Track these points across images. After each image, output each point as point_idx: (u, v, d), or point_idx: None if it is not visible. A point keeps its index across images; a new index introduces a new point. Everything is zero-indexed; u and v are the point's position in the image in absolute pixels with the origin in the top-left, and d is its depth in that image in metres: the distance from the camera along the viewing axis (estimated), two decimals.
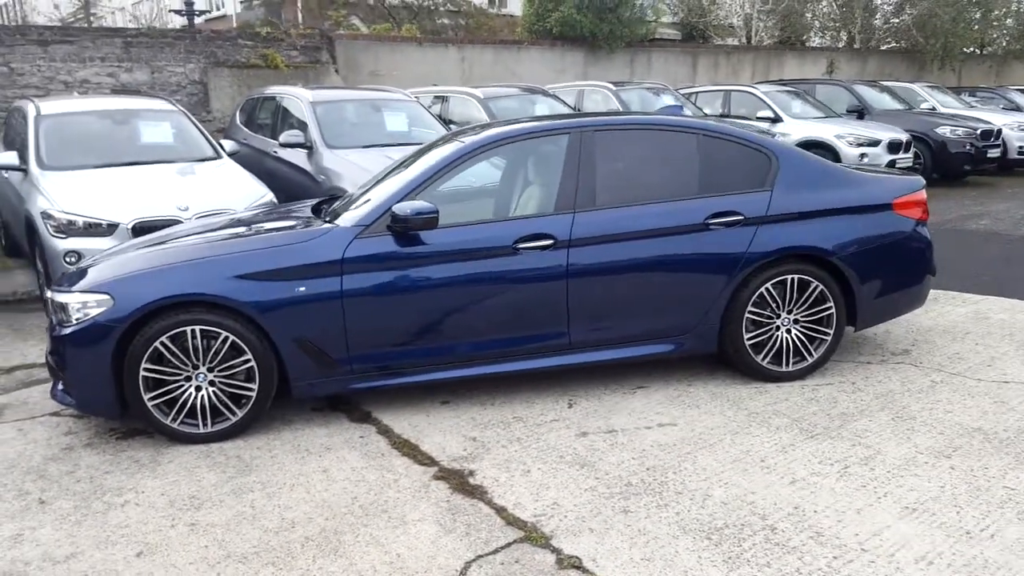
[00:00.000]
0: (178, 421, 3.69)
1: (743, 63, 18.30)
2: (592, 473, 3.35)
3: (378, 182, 4.34)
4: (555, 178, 4.06)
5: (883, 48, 22.46)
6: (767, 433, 3.69)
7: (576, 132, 4.11)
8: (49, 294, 3.83)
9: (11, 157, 6.26)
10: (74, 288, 3.70)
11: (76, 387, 3.66)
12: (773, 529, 2.89)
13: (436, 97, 10.43)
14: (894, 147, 11.40)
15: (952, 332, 5.10)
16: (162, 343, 3.59)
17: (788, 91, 13.21)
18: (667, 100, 11.66)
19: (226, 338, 3.65)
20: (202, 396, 3.69)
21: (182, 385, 3.67)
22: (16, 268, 7.08)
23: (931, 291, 5.84)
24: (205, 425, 3.72)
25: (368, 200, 4.03)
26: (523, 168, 4.36)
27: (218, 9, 23.41)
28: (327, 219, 4.02)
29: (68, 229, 5.50)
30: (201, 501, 3.21)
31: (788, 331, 4.24)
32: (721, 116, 12.35)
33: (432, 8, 19.51)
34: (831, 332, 4.27)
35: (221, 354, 3.67)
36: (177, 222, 5.32)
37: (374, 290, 3.77)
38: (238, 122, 9.22)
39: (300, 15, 19.93)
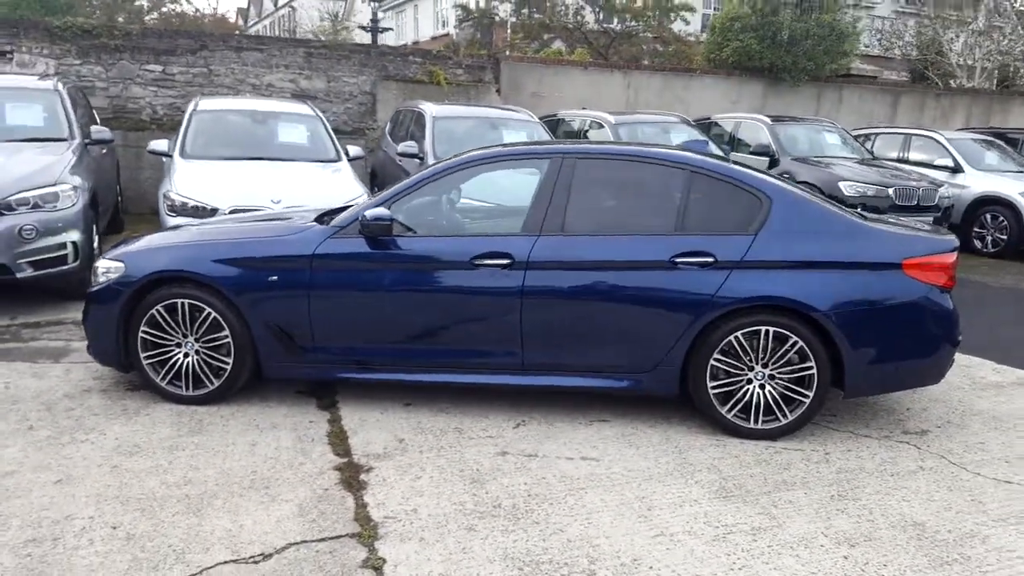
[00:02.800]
0: (166, 381, 4.24)
1: (956, 107, 16.45)
2: (475, 490, 3.40)
3: None
4: (530, 200, 4.13)
5: None
6: (681, 485, 3.49)
7: (558, 158, 4.15)
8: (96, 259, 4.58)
9: (162, 144, 7.39)
10: (106, 255, 4.40)
11: (92, 338, 4.35)
12: (591, 574, 2.79)
13: (593, 121, 10.49)
14: None
15: (1003, 420, 4.41)
16: (158, 311, 4.16)
17: (984, 140, 11.73)
18: (830, 139, 10.89)
19: (209, 314, 4.15)
20: (188, 363, 4.22)
21: (172, 350, 4.22)
22: None
23: None
24: (188, 388, 4.24)
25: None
26: (505, 188, 4.47)
27: (443, 27, 25.34)
28: (323, 221, 4.39)
29: (180, 209, 6.39)
30: (139, 450, 3.70)
31: (762, 386, 3.95)
32: (898, 161, 11.29)
33: (632, 34, 19.62)
34: (810, 394, 3.91)
35: (205, 327, 4.17)
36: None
37: (338, 286, 4.08)
38: (386, 131, 10.06)
39: (508, 37, 21.01)
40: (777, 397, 3.94)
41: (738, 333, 3.89)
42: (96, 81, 9.75)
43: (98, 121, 8.55)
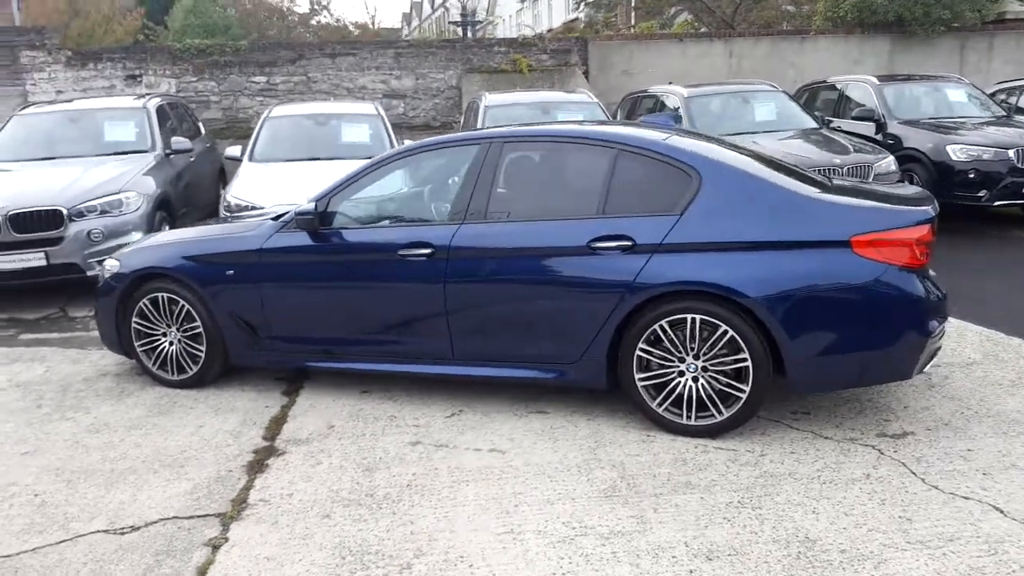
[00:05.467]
0: (156, 367, 4.67)
1: None
2: (361, 478, 3.45)
3: None
4: (458, 188, 4.09)
5: None
6: (571, 481, 3.33)
7: (486, 143, 4.06)
8: None
9: (236, 150, 8.06)
10: (111, 256, 4.91)
11: (98, 327, 4.88)
12: (406, 567, 2.76)
13: (668, 95, 9.91)
14: None
15: (1022, 424, 3.73)
16: (144, 303, 4.59)
17: None
18: (953, 97, 9.57)
19: (183, 306, 4.51)
20: (172, 351, 4.62)
21: (160, 339, 4.64)
22: None
23: None
24: (172, 373, 4.64)
25: None
26: (438, 177, 4.42)
27: (573, 11, 25.30)
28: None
29: (233, 210, 6.94)
30: (106, 427, 4.12)
31: (695, 379, 3.64)
32: None
33: None
34: (747, 389, 3.55)
35: (182, 318, 4.54)
36: None
37: (284, 278, 4.30)
38: (462, 123, 10.25)
39: (632, 15, 20.50)
40: (711, 391, 3.62)
41: (663, 322, 3.61)
42: (210, 95, 10.79)
43: (202, 131, 9.46)
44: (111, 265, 4.76)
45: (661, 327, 3.62)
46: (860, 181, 5.20)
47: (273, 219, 4.49)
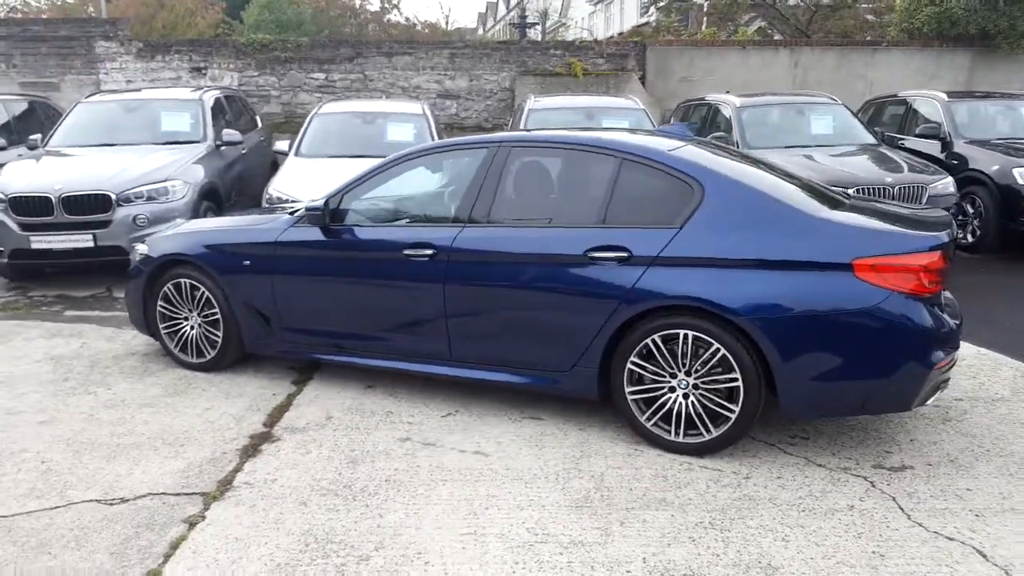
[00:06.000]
0: (177, 349, 4.87)
1: None
2: (344, 469, 3.53)
3: None
4: (464, 191, 4.13)
5: None
6: (545, 489, 3.33)
7: (494, 147, 4.10)
8: None
9: (283, 145, 8.32)
10: (143, 240, 5.14)
11: (127, 308, 5.12)
12: (364, 559, 2.81)
13: (721, 103, 9.67)
14: None
15: None
16: (168, 288, 4.79)
17: None
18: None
19: (203, 292, 4.70)
20: (192, 335, 4.81)
21: (181, 323, 4.83)
22: None
23: None
24: (192, 356, 4.83)
25: None
26: (446, 179, 4.47)
27: (643, 15, 25.13)
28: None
29: (274, 203, 7.17)
30: (122, 404, 4.32)
31: (686, 396, 3.59)
32: None
33: (842, 6, 17.78)
34: (736, 409, 3.48)
35: (202, 304, 4.72)
36: None
37: (296, 271, 4.42)
38: (509, 125, 10.32)
39: (704, 21, 20.19)
40: (700, 410, 3.56)
41: (655, 336, 3.58)
42: (271, 90, 11.15)
43: (258, 125, 9.78)
44: (141, 249, 4.99)
45: (653, 341, 3.58)
46: (877, 200, 4.99)
47: (289, 214, 4.63)
